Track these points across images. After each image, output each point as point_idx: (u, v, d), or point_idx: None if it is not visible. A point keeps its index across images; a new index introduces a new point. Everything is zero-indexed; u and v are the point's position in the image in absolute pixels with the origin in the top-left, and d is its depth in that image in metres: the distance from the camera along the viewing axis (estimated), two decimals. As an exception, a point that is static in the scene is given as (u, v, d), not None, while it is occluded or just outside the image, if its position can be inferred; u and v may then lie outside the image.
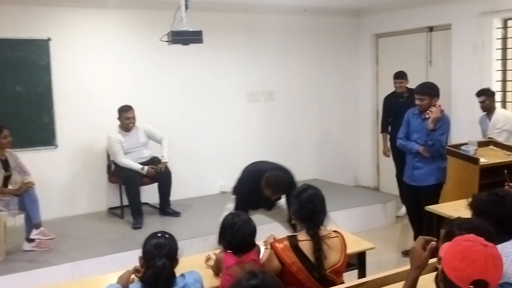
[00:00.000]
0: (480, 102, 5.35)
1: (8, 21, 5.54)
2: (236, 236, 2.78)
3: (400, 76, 6.09)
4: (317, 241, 2.73)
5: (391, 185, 6.78)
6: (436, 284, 1.90)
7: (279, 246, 2.77)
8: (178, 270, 2.48)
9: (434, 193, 4.78)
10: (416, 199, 4.90)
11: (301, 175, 6.76)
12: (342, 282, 2.77)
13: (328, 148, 7.63)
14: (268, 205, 4.19)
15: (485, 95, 5.33)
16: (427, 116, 4.66)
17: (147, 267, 2.36)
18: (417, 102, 4.74)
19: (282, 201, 4.18)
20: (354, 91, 7.74)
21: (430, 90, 4.74)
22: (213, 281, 2.90)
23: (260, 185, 3.84)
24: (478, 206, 2.44)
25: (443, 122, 4.70)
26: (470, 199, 2.52)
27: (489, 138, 5.26)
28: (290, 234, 2.89)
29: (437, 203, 4.64)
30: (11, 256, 4.71)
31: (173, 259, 2.41)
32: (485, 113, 5.43)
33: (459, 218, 2.24)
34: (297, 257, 2.71)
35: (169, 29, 4.58)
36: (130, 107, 5.67)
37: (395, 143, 5.40)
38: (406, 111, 5.03)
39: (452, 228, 2.09)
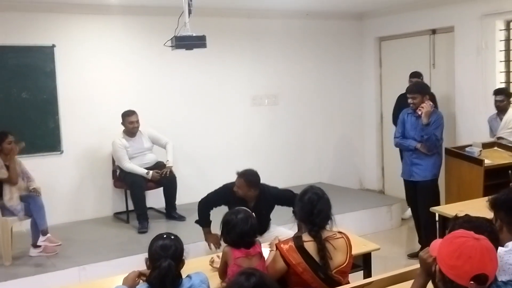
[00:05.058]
0: (498, 101, 5.30)
1: (13, 28, 5.59)
2: (232, 233, 2.87)
3: (416, 75, 6.07)
4: (320, 241, 2.75)
5: (396, 188, 6.77)
6: (435, 285, 1.89)
7: (284, 247, 2.78)
8: (184, 272, 2.49)
9: (432, 188, 4.96)
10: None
11: (305, 179, 6.88)
12: (348, 283, 2.78)
13: (332, 152, 7.64)
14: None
15: (504, 94, 5.32)
16: (419, 112, 4.84)
17: (153, 268, 2.39)
18: (409, 101, 4.96)
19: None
20: (358, 94, 7.75)
21: (420, 89, 4.99)
22: (219, 282, 2.91)
23: (233, 192, 4.04)
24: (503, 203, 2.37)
25: (436, 117, 4.88)
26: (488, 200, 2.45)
27: (499, 137, 5.25)
28: (296, 235, 2.90)
29: (437, 198, 4.87)
30: (17, 261, 4.74)
31: (178, 260, 2.43)
32: (495, 112, 5.40)
33: (467, 215, 2.23)
34: (302, 257, 2.72)
35: (173, 35, 4.61)
36: (133, 112, 5.70)
37: None
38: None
39: (454, 227, 2.08)
